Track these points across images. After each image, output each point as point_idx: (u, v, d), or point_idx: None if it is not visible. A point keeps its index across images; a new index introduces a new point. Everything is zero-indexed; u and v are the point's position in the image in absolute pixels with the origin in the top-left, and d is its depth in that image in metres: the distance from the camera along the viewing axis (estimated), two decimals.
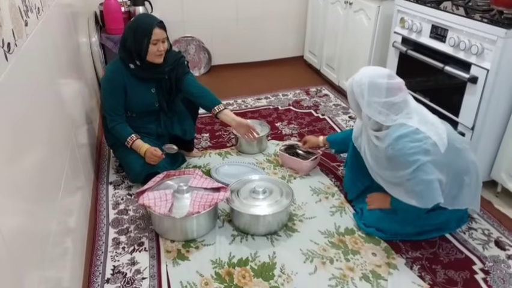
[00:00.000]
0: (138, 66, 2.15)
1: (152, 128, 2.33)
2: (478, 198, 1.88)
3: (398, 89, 1.69)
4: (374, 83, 1.68)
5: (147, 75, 2.19)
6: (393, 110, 1.69)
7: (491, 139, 2.14)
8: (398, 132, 1.65)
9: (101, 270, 1.75)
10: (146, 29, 2.06)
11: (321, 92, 3.60)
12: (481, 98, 2.03)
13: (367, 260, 1.80)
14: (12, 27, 1.18)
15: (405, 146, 1.63)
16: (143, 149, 2.15)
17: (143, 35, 2.06)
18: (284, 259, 1.80)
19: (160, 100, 2.29)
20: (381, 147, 1.73)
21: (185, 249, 1.85)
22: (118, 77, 2.15)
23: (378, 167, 1.83)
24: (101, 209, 2.12)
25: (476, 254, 1.83)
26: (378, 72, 1.71)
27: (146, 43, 2.06)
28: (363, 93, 1.70)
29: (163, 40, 2.11)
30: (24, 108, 1.22)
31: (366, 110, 1.71)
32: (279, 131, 2.93)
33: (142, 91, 2.22)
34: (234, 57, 4.20)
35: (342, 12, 3.34)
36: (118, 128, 2.19)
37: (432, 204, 1.70)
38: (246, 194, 1.99)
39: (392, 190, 1.82)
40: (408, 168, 1.64)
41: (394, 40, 2.68)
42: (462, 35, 2.12)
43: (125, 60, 2.15)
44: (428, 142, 1.63)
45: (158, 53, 2.10)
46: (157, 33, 2.07)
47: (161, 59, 2.14)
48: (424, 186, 1.66)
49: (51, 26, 1.83)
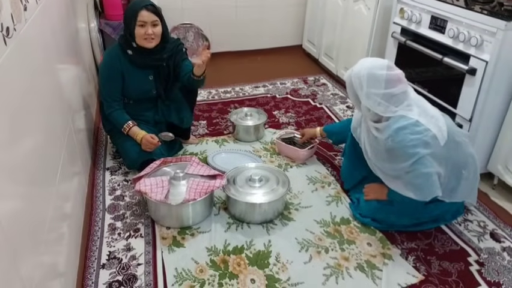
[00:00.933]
0: (135, 52, 2.13)
1: (149, 115, 2.33)
2: (475, 191, 1.89)
3: (398, 81, 1.68)
4: (373, 75, 1.66)
5: (144, 62, 2.18)
6: (393, 101, 1.67)
7: (489, 131, 2.15)
8: (398, 124, 1.64)
9: (97, 255, 1.76)
10: (133, 11, 2.05)
11: (319, 81, 3.59)
12: (479, 89, 2.03)
13: (362, 250, 1.81)
14: (11, 11, 1.17)
15: (405, 138, 1.62)
16: (139, 135, 2.15)
17: (130, 17, 2.06)
18: (279, 248, 1.81)
19: (157, 87, 2.27)
20: (380, 139, 1.72)
21: (180, 236, 1.86)
22: (116, 62, 2.14)
23: (376, 159, 1.83)
24: (97, 194, 2.12)
25: (472, 246, 1.84)
26: (377, 64, 1.69)
27: (134, 25, 2.05)
28: (362, 84, 1.69)
29: (153, 23, 2.08)
30: (22, 93, 1.22)
31: (366, 102, 1.70)
32: (276, 119, 2.93)
33: (139, 78, 2.21)
34: (233, 45, 4.18)
35: (341, 2, 3.32)
36: (115, 114, 2.19)
37: (431, 197, 1.70)
38: (242, 181, 1.99)
39: (390, 182, 1.82)
40: (408, 161, 1.64)
41: (393, 30, 2.66)
42: (461, 26, 2.11)
43: (123, 45, 2.14)
44: (428, 135, 1.63)
45: (146, 36, 2.08)
46: (144, 15, 2.05)
47: (151, 44, 2.11)
48: (423, 179, 1.66)
49: (50, 11, 1.82)
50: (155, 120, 2.35)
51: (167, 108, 2.36)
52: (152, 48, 2.14)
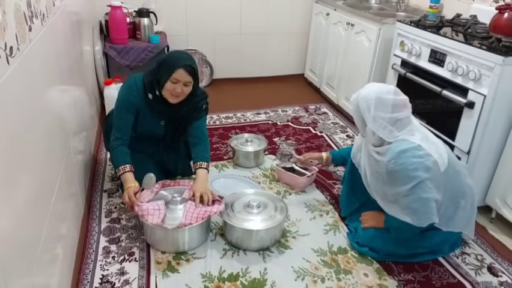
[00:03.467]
0: (155, 99, 2.07)
1: (148, 149, 2.26)
2: (472, 223, 1.89)
3: (404, 106, 1.72)
4: (381, 99, 1.70)
5: (161, 111, 2.12)
6: (397, 126, 1.70)
7: (487, 164, 2.15)
8: (401, 146, 1.67)
9: (90, 278, 1.74)
10: (171, 66, 1.97)
11: (320, 110, 3.62)
12: (478, 123, 2.05)
13: (359, 281, 1.78)
14: (16, 31, 1.19)
15: (407, 161, 1.64)
16: (128, 184, 1.99)
17: (166, 69, 1.98)
18: (275, 276, 1.79)
19: (166, 133, 2.22)
20: (381, 162, 1.74)
21: (175, 261, 1.84)
22: (134, 97, 2.07)
23: (376, 183, 1.84)
24: (93, 216, 2.11)
25: (469, 279, 1.82)
26: (384, 89, 1.74)
27: (166, 78, 1.97)
28: (369, 107, 1.71)
29: (185, 83, 2.00)
30: (23, 112, 1.23)
31: (372, 125, 1.72)
32: (276, 146, 2.94)
33: (152, 120, 2.15)
34: (236, 72, 4.23)
35: (343, 33, 3.38)
36: (119, 150, 2.08)
37: (427, 224, 1.71)
38: (240, 207, 1.98)
39: (388, 207, 1.82)
40: (408, 184, 1.65)
41: (394, 62, 2.71)
42: (460, 60, 2.14)
43: (147, 86, 2.07)
44: (430, 159, 1.65)
45: (174, 93, 2.00)
46: (180, 74, 1.96)
47: (175, 101, 2.05)
48: (421, 204, 1.67)
49: (56, 33, 1.85)
50: (153, 158, 2.28)
51: (167, 154, 2.30)
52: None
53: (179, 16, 3.82)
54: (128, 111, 2.08)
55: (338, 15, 3.48)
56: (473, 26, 2.32)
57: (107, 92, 2.95)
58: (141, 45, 3.24)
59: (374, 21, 2.96)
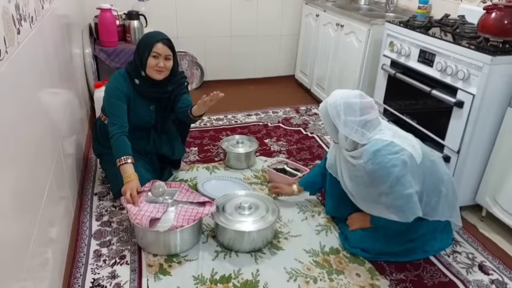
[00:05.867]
0: (142, 82, 2.14)
1: (140, 144, 2.28)
2: (457, 210, 1.93)
3: (371, 107, 1.76)
4: (349, 103, 1.74)
5: (149, 93, 2.18)
6: (367, 127, 1.74)
7: (477, 163, 2.17)
8: (375, 146, 1.70)
9: (81, 282, 1.72)
10: (149, 42, 2.08)
11: (310, 111, 3.63)
12: (467, 122, 2.06)
13: (351, 281, 1.79)
14: (4, 34, 1.18)
15: (383, 159, 1.67)
16: (129, 177, 1.97)
17: (145, 47, 2.08)
18: (268, 277, 1.79)
19: (156, 118, 2.28)
20: (359, 165, 1.76)
21: (167, 264, 1.83)
22: (123, 85, 2.13)
23: (357, 187, 1.85)
24: (84, 220, 2.10)
25: (460, 278, 1.83)
26: (350, 93, 1.78)
27: (147, 55, 2.07)
28: (339, 113, 1.74)
29: (166, 57, 2.10)
30: (12, 115, 1.22)
31: (343, 130, 1.75)
32: (267, 147, 2.94)
33: (142, 107, 2.20)
34: (226, 74, 4.24)
35: (333, 34, 3.40)
36: (120, 139, 2.04)
37: (413, 218, 1.74)
38: (232, 209, 1.98)
39: (372, 209, 1.85)
40: (388, 181, 1.68)
41: (383, 63, 2.72)
42: (449, 60, 2.16)
43: (131, 73, 2.14)
44: (405, 153, 1.68)
45: (157, 68, 2.08)
46: (159, 47, 2.07)
47: (160, 76, 2.12)
48: (403, 200, 1.70)
49: (44, 36, 1.84)
50: (145, 151, 2.31)
51: (160, 139, 2.35)
52: (159, 80, 2.14)
53: (169, 18, 3.82)
54: (120, 99, 2.11)
55: (327, 17, 3.50)
56: (461, 26, 2.34)
57: (98, 94, 2.93)
58: (131, 47, 3.22)
59: (364, 22, 2.98)
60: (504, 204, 2.06)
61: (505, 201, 2.06)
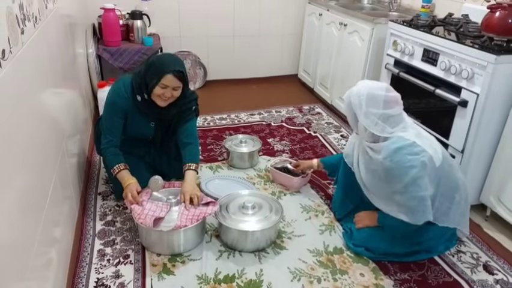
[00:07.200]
0: (143, 101, 2.06)
1: (140, 151, 2.26)
2: (466, 219, 1.90)
3: (395, 102, 1.72)
4: (373, 94, 1.70)
5: (150, 113, 2.10)
6: (389, 122, 1.71)
7: (481, 163, 2.16)
8: (396, 144, 1.67)
9: (85, 282, 1.73)
10: (160, 71, 1.94)
11: (314, 110, 3.62)
12: (471, 121, 2.06)
13: (355, 281, 1.78)
14: (8, 34, 1.18)
15: (402, 158, 1.65)
16: (127, 181, 1.98)
17: (154, 74, 1.95)
18: (271, 277, 1.78)
19: (155, 135, 2.21)
20: (376, 160, 1.74)
21: (171, 264, 1.83)
22: (122, 101, 2.05)
23: (373, 179, 1.84)
24: (88, 219, 2.10)
25: (465, 278, 1.83)
26: (376, 85, 1.74)
27: (154, 83, 1.94)
28: (361, 103, 1.72)
29: (174, 88, 1.97)
30: (16, 115, 1.22)
31: (363, 121, 1.73)
32: (270, 146, 2.94)
33: (141, 122, 2.13)
34: (229, 73, 4.23)
35: (336, 34, 3.39)
36: (110, 151, 2.06)
37: (422, 221, 1.72)
38: (235, 209, 1.98)
39: (384, 205, 1.83)
40: (405, 181, 1.66)
41: (387, 62, 2.71)
42: (453, 59, 2.16)
43: (136, 89, 2.05)
44: (426, 155, 1.66)
45: (163, 98, 1.99)
46: (169, 79, 1.93)
47: (164, 104, 2.02)
48: (417, 202, 1.68)
49: (48, 35, 1.84)
50: (145, 160, 2.28)
51: (159, 156, 2.30)
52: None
53: (172, 18, 3.82)
54: (116, 115, 2.07)
55: (330, 16, 3.49)
56: (465, 25, 2.33)
57: (101, 94, 2.94)
58: (134, 47, 3.24)
59: (367, 21, 2.97)
60: (509, 204, 2.05)
61: (509, 200, 2.05)
